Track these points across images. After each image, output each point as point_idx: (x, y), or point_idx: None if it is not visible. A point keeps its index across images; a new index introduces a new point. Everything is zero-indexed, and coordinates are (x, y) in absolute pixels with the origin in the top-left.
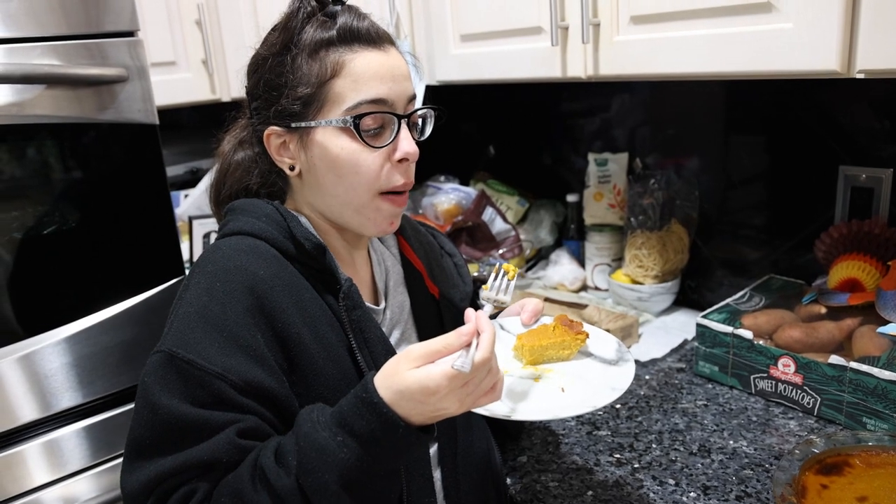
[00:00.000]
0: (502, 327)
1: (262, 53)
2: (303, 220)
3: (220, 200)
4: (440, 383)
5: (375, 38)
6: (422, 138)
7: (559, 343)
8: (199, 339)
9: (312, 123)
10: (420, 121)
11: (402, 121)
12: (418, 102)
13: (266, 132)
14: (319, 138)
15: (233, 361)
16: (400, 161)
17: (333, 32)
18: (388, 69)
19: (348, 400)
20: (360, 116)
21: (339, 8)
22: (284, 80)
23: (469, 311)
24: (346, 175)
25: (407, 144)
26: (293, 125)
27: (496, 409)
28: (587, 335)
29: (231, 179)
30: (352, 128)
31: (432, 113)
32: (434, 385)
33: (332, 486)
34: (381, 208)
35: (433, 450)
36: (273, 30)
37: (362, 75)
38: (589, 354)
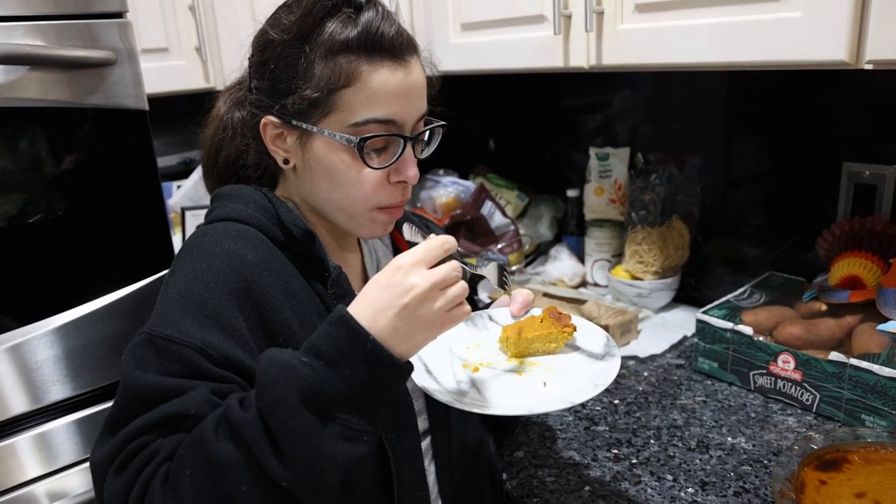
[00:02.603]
0: (491, 318)
1: (272, 36)
2: (291, 206)
3: (217, 170)
4: (402, 259)
5: (398, 50)
6: (424, 154)
7: (545, 336)
8: (179, 315)
9: (314, 129)
10: (427, 133)
11: (409, 143)
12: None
13: (263, 121)
14: (320, 145)
15: (212, 338)
16: (399, 181)
17: (354, 34)
18: (404, 88)
19: (318, 329)
20: (366, 139)
21: (364, 0)
22: (293, 76)
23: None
24: (342, 186)
25: (409, 168)
26: (294, 123)
27: (471, 403)
28: (574, 328)
29: (228, 148)
30: (355, 148)
31: (440, 131)
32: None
33: (291, 399)
34: (375, 219)
35: (426, 442)
36: (287, 9)
37: (377, 92)
38: (576, 348)
